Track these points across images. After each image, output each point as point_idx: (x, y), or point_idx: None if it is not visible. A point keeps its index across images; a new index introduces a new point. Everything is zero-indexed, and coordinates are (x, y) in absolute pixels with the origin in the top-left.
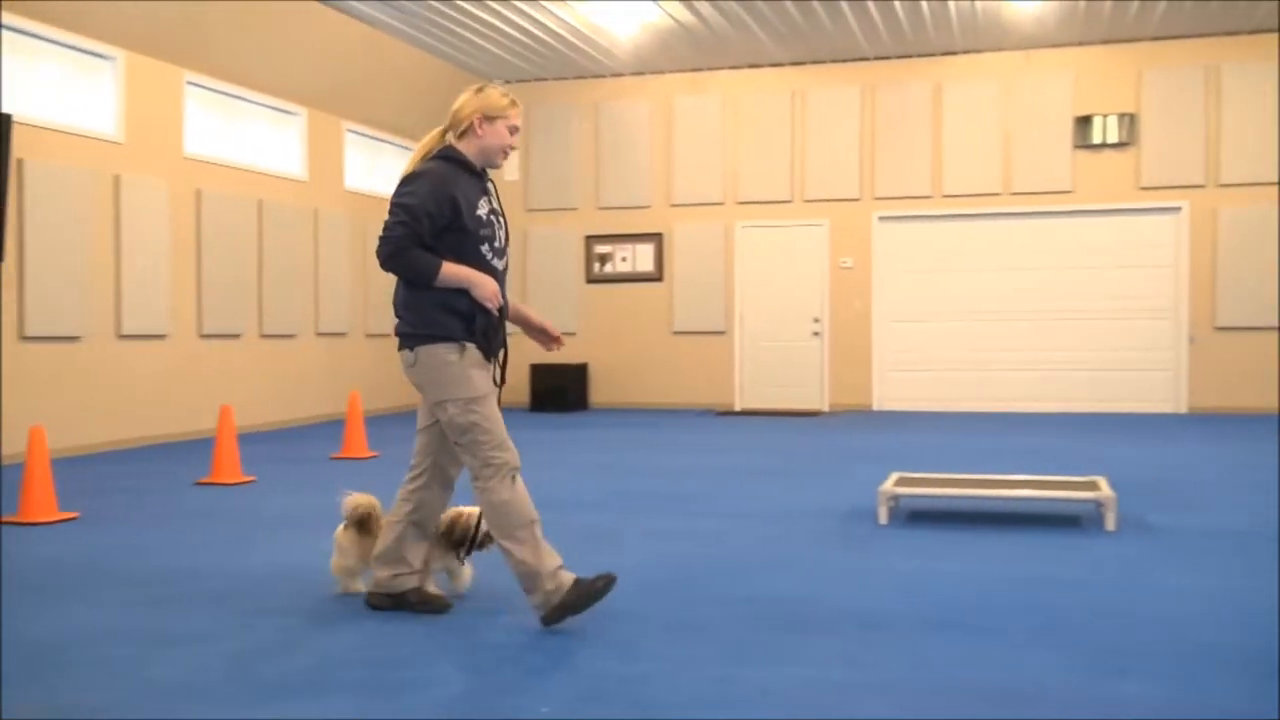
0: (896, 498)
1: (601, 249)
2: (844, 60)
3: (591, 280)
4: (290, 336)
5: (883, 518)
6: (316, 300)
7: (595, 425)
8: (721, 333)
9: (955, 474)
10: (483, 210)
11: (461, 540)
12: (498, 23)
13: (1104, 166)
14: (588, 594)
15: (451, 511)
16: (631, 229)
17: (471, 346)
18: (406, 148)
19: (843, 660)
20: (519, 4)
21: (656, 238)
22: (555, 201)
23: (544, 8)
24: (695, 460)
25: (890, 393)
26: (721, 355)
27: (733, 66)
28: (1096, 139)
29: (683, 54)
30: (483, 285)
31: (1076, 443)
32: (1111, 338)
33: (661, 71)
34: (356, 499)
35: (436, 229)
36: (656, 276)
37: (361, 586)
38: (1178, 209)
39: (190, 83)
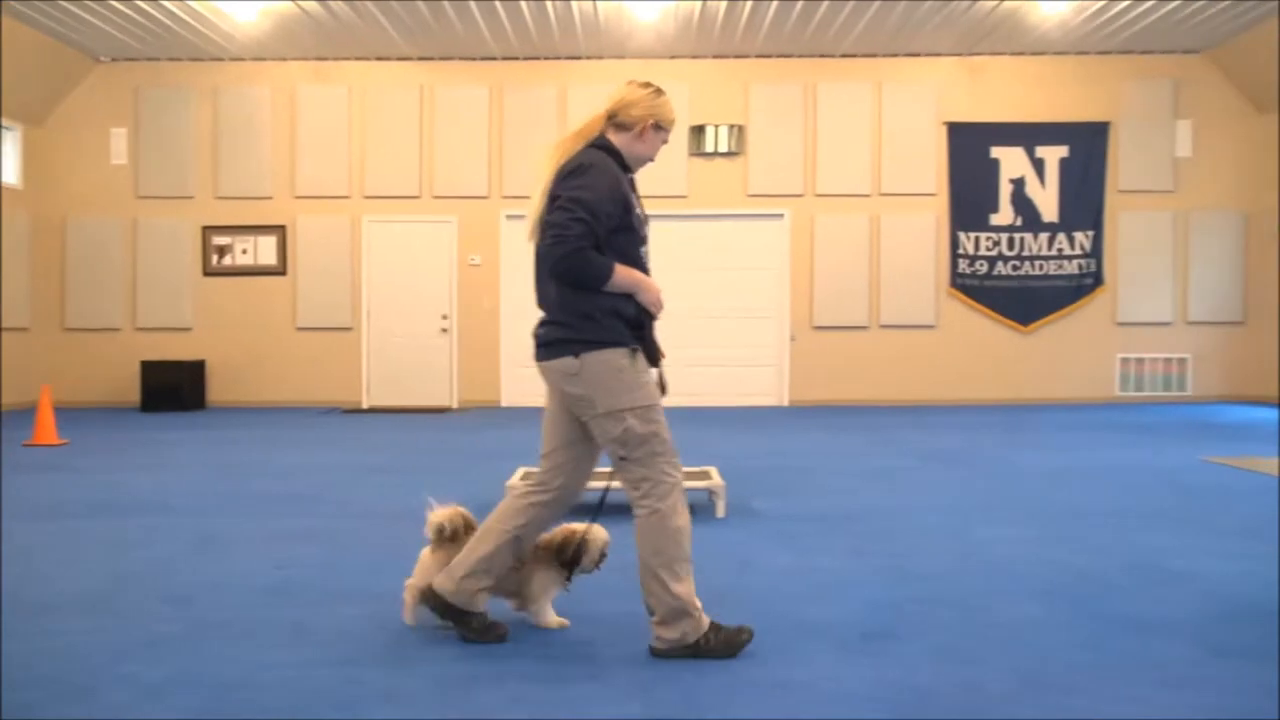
0: None
1: (220, 240)
2: (472, 58)
3: (209, 273)
4: None
5: None
6: None
7: (212, 425)
8: (348, 329)
9: None
10: (639, 209)
11: (575, 560)
12: None
13: (716, 174)
14: (734, 645)
15: (565, 528)
16: (253, 220)
17: (639, 353)
18: (9, 128)
19: (472, 655)
20: None
21: (279, 230)
22: (169, 189)
23: None
24: (320, 459)
25: (518, 389)
26: (348, 352)
27: (360, 58)
28: (709, 147)
29: (307, 42)
30: (651, 289)
31: (692, 435)
32: (723, 336)
33: (285, 58)
34: (444, 514)
35: (609, 228)
36: (280, 270)
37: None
38: (780, 216)
39: None
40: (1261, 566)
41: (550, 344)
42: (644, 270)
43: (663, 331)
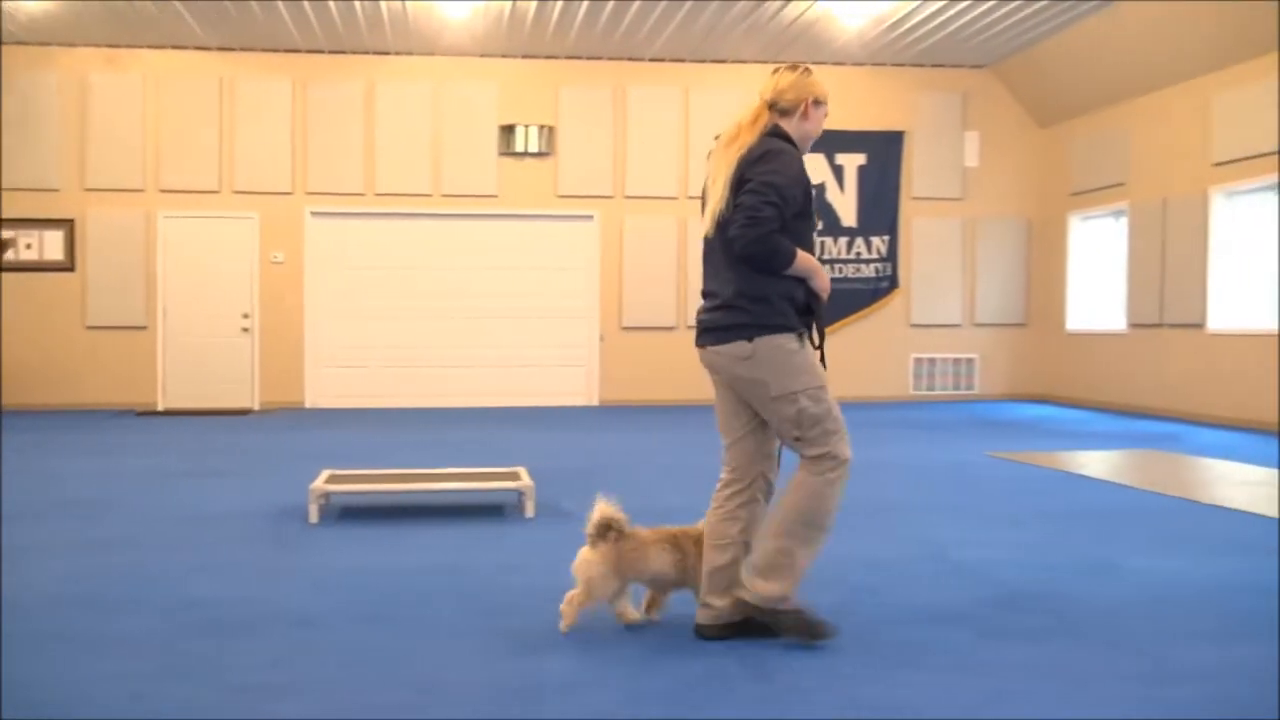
0: (328, 495)
1: (2, 233)
2: (275, 50)
3: None
4: None
5: (314, 516)
6: None
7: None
8: (143, 328)
9: (386, 470)
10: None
11: None
12: None
13: (526, 174)
14: (815, 633)
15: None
16: (38, 213)
17: (806, 336)
18: None
19: (272, 663)
20: None
21: (67, 224)
22: None
23: None
24: (113, 464)
25: (323, 390)
26: (142, 352)
27: (156, 46)
28: (519, 147)
29: (99, 28)
30: (822, 275)
31: (502, 436)
32: (535, 336)
33: (74, 44)
34: (606, 511)
35: (792, 213)
36: (68, 266)
37: (633, 611)
38: (590, 217)
39: None
40: (1035, 555)
41: (722, 328)
42: (813, 254)
43: (472, 332)
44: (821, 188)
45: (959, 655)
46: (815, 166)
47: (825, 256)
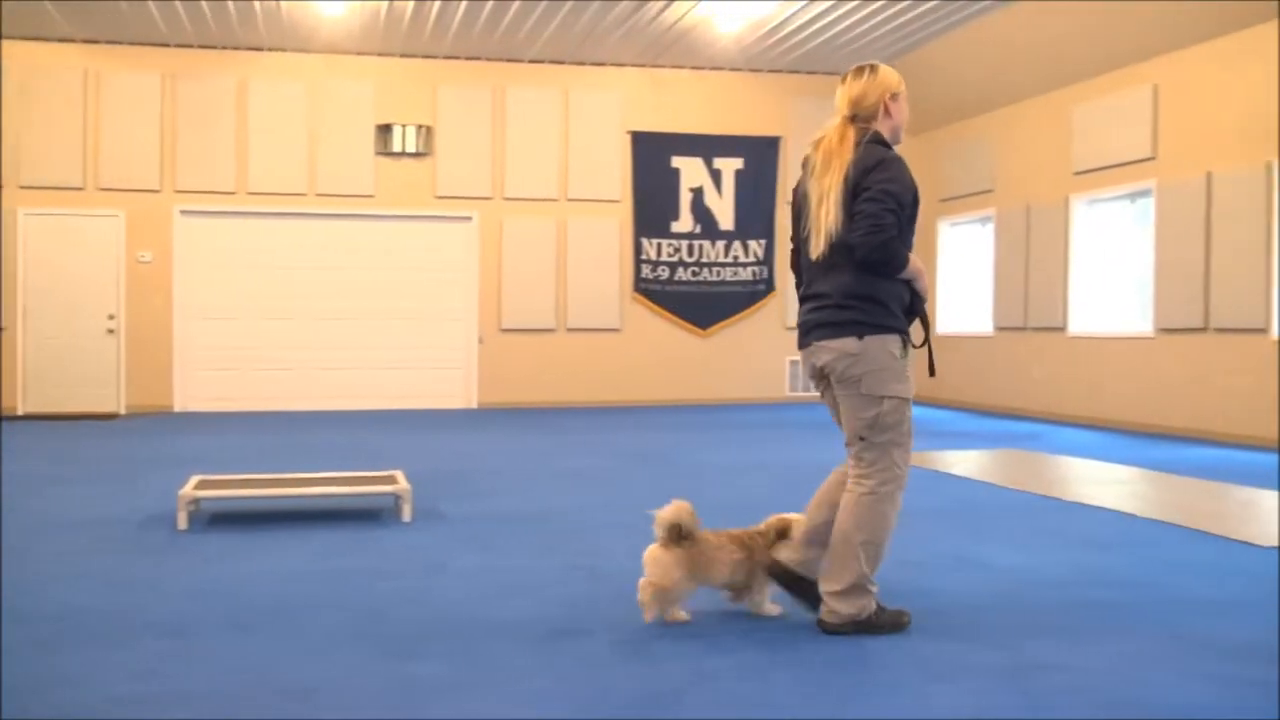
0: (197, 501)
1: None
2: (142, 44)
3: None
4: None
5: (182, 523)
6: None
7: None
8: (1, 329)
9: (258, 474)
10: None
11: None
12: None
13: (404, 174)
14: (899, 624)
15: (777, 517)
16: None
17: (908, 342)
18: None
19: (140, 674)
20: None
21: None
22: None
23: None
24: None
25: (195, 393)
26: (2, 354)
27: (14, 36)
28: (397, 147)
29: None
30: (925, 277)
31: (379, 439)
32: (412, 338)
33: None
34: (677, 510)
35: (905, 219)
36: None
37: (684, 614)
38: (469, 218)
39: None
40: (901, 551)
41: (833, 325)
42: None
43: (348, 333)
44: (700, 191)
45: (825, 651)
46: (692, 171)
47: (703, 259)
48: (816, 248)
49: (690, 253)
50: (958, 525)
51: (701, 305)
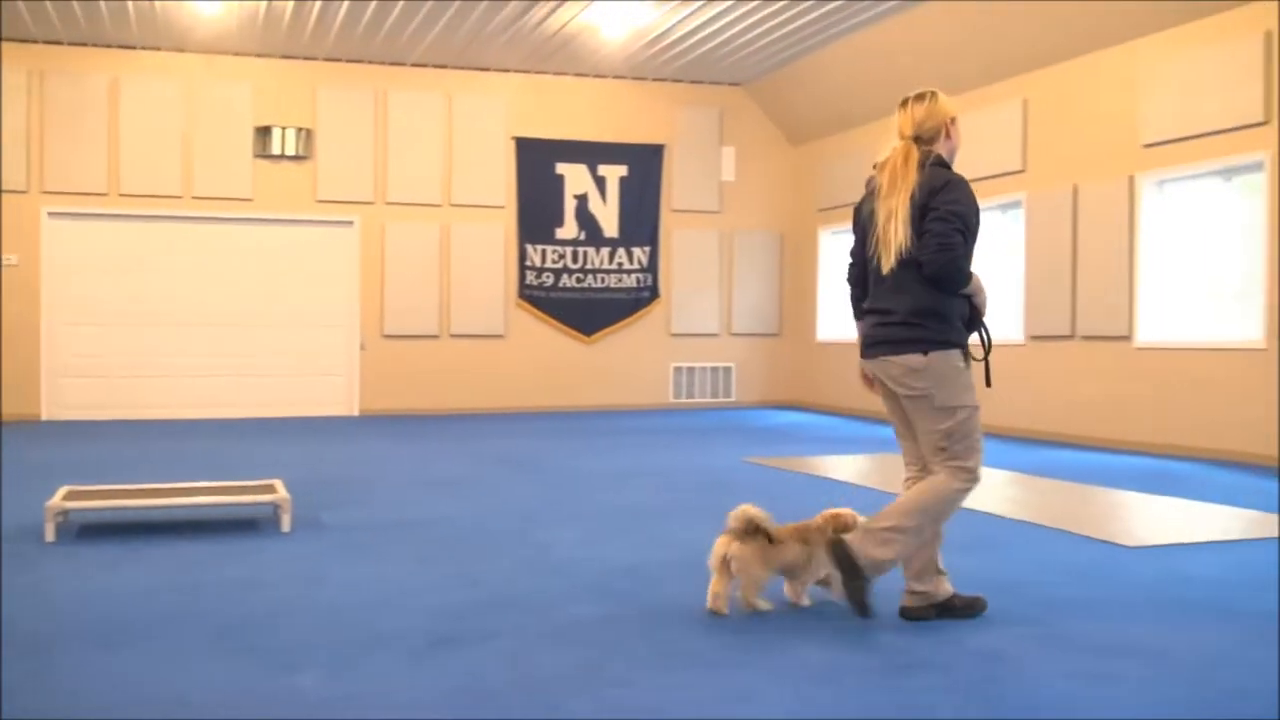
0: (66, 512)
1: None
2: (9, 40)
3: None
4: None
5: (50, 535)
6: None
7: None
8: None
9: (131, 484)
10: None
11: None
12: None
13: (283, 177)
14: (976, 609)
15: (830, 512)
16: None
17: (970, 356)
18: None
19: (4, 692)
20: None
21: None
22: None
23: None
24: None
25: (63, 401)
26: None
27: None
28: (276, 150)
29: None
30: (984, 292)
31: (258, 447)
32: (292, 344)
33: None
34: (750, 510)
35: (970, 238)
36: None
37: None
38: (350, 223)
39: None
40: None
41: (898, 341)
42: None
43: (225, 339)
44: (584, 198)
45: (711, 655)
46: (577, 177)
47: (588, 266)
48: (886, 263)
49: (575, 259)
50: None
51: (586, 312)
